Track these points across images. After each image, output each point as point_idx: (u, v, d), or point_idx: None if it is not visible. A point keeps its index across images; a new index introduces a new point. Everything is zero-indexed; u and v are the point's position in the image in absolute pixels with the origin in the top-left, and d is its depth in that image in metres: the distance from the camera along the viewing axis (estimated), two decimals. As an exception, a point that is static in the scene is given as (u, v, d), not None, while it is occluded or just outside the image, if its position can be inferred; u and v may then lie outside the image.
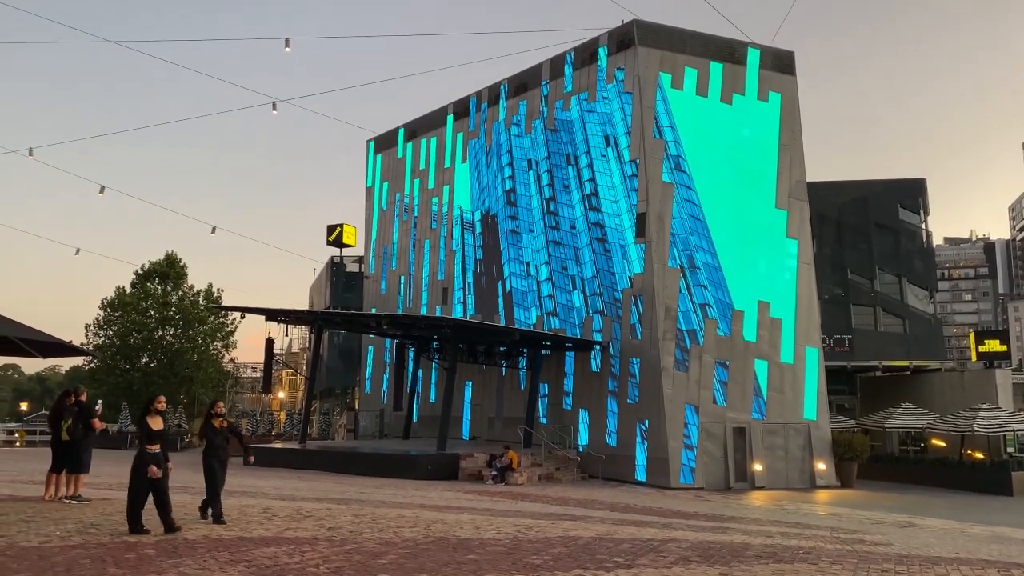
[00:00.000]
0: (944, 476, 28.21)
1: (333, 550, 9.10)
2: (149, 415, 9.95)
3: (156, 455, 9.70)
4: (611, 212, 28.82)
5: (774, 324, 27.53)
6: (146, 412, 10.00)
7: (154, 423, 9.90)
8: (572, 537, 11.25)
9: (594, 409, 28.56)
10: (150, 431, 9.79)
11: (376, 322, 31.82)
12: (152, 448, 9.71)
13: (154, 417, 9.95)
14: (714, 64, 28.69)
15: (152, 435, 9.78)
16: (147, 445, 9.72)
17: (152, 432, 9.79)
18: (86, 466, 12.71)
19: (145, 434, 9.79)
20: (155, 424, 9.89)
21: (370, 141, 44.51)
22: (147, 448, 9.70)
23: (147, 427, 9.83)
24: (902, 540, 12.90)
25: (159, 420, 10.01)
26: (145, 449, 9.70)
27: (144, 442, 9.77)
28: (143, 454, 9.66)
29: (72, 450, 12.56)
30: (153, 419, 9.93)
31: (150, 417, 9.92)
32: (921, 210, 38.27)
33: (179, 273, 60.07)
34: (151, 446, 9.72)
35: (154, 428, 9.84)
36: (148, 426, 9.83)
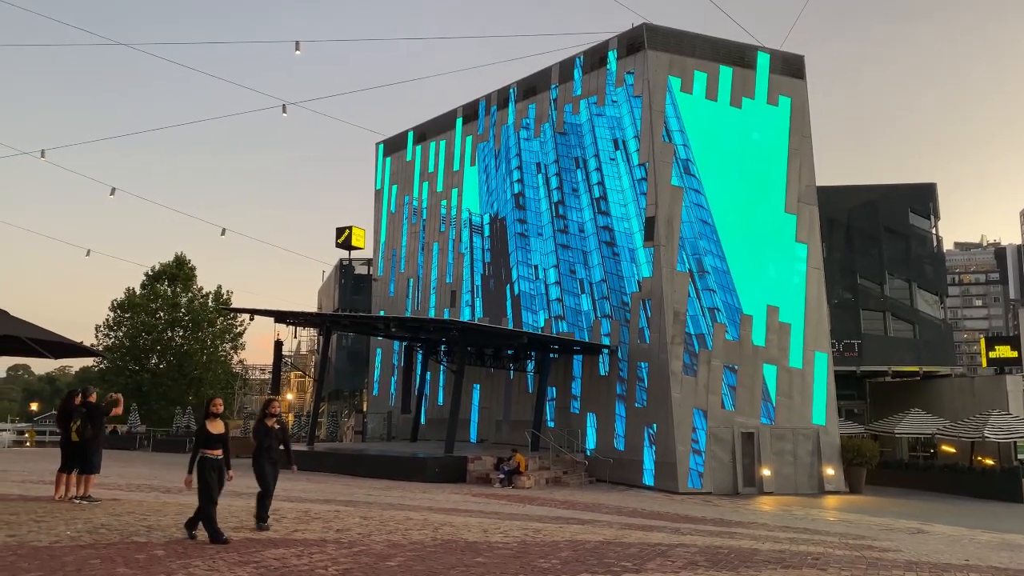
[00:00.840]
0: (954, 482, 28.06)
1: (341, 552, 9.12)
2: (208, 419, 9.48)
3: (217, 460, 9.29)
4: (620, 216, 28.80)
5: (783, 329, 27.45)
6: (205, 416, 9.57)
7: (214, 427, 9.42)
8: (580, 541, 11.24)
9: (602, 413, 28.53)
10: (209, 435, 9.33)
11: (384, 324, 31.90)
12: (213, 453, 9.28)
13: (213, 421, 9.47)
14: (724, 68, 28.67)
15: (211, 440, 9.32)
16: (206, 450, 9.26)
17: (211, 436, 9.33)
18: (96, 467, 12.76)
19: (203, 439, 9.31)
20: (215, 428, 9.42)
21: (379, 144, 44.61)
22: (207, 454, 9.25)
23: (206, 431, 9.36)
24: (912, 547, 12.84)
25: (219, 423, 9.52)
26: (205, 455, 9.24)
27: (202, 447, 9.28)
28: (204, 461, 9.21)
29: (82, 451, 12.60)
30: (213, 423, 9.44)
31: (209, 421, 9.45)
32: (931, 215, 38.11)
33: (188, 275, 60.35)
34: (212, 451, 9.28)
35: (213, 432, 9.37)
36: (207, 430, 9.36)
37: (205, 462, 9.21)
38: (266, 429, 10.38)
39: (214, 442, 9.30)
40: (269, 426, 10.43)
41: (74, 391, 13.46)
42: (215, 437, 9.33)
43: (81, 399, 12.90)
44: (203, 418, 9.54)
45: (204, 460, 9.22)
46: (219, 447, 9.32)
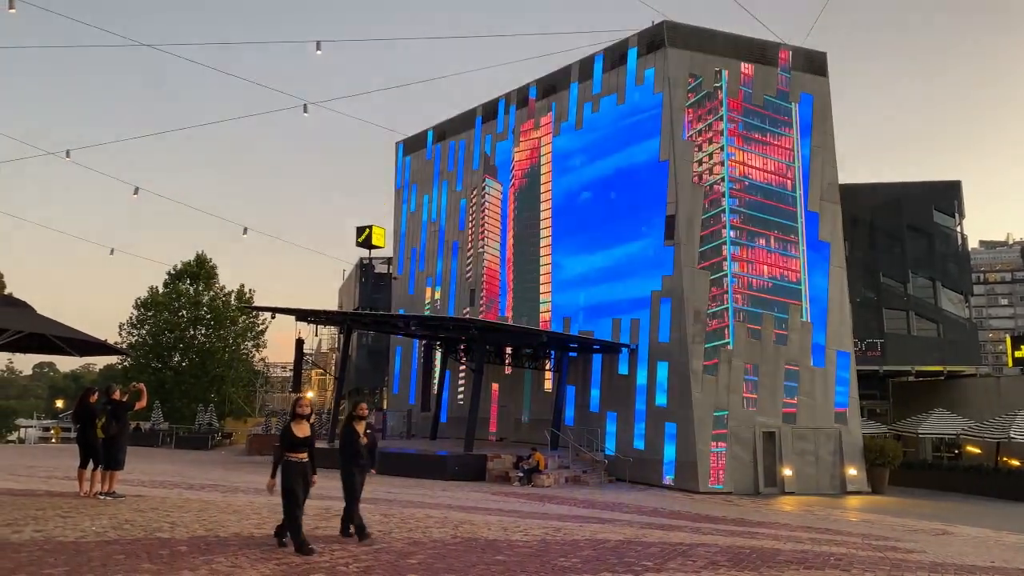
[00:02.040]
0: (979, 484, 27.71)
1: (362, 549, 9.16)
2: (294, 420, 9.03)
3: (302, 464, 8.86)
4: (640, 214, 28.69)
5: (805, 328, 27.26)
6: (291, 417, 9.16)
7: (299, 429, 8.94)
8: (600, 540, 11.22)
9: (622, 412, 28.44)
10: (294, 438, 8.87)
11: (404, 323, 31.97)
12: (298, 456, 8.85)
13: (299, 423, 9.00)
14: (745, 65, 28.47)
15: (296, 442, 8.87)
16: (291, 453, 8.83)
17: (296, 439, 8.88)
18: (121, 463, 12.91)
19: (288, 441, 8.87)
20: (300, 430, 8.94)
21: (399, 143, 44.74)
22: (291, 457, 8.83)
23: (291, 433, 8.89)
24: (936, 548, 12.70)
25: (305, 426, 9.04)
26: (290, 459, 8.82)
27: (286, 450, 8.85)
28: (288, 465, 8.79)
29: (108, 447, 12.76)
30: (298, 425, 8.98)
31: (295, 423, 9.00)
32: (956, 213, 37.66)
33: (209, 273, 60.84)
34: (296, 454, 8.84)
35: (299, 435, 8.90)
36: (292, 432, 8.90)
37: (289, 466, 8.82)
38: (355, 433, 9.68)
39: (299, 445, 8.89)
40: (358, 430, 9.72)
41: (91, 389, 13.66)
42: (300, 440, 8.91)
43: (105, 397, 13.07)
44: (288, 419, 9.16)
45: (288, 464, 8.83)
46: (304, 450, 8.91)
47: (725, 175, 27.45)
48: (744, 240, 27.26)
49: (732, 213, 27.26)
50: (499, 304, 35.79)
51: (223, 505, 12.87)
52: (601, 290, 30.21)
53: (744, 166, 27.86)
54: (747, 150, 28.00)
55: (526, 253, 34.64)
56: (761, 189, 27.89)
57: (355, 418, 9.77)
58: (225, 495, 14.83)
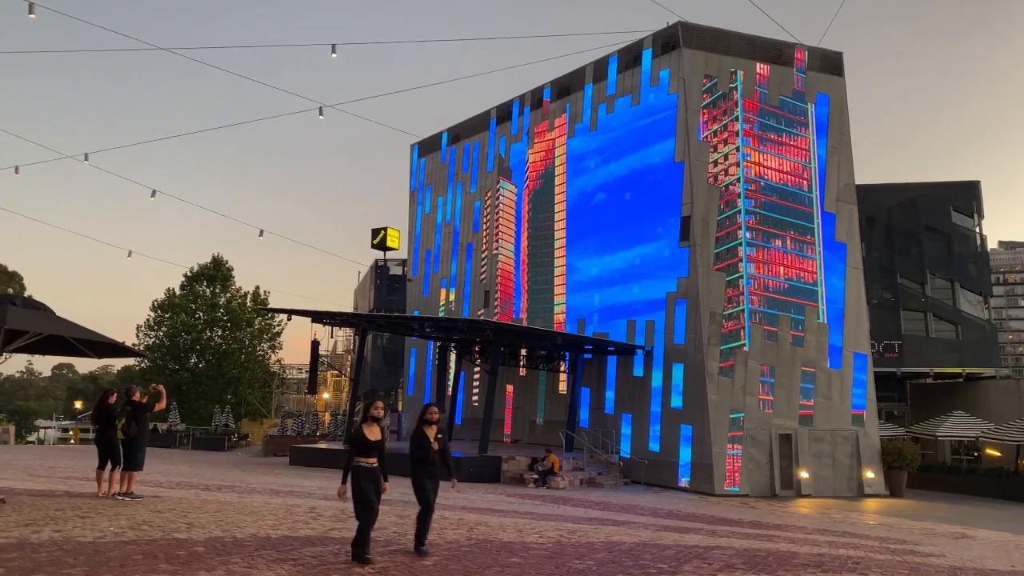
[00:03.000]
0: (999, 487, 27.44)
1: (378, 550, 9.17)
2: (365, 423, 8.55)
3: (373, 469, 8.37)
4: (655, 215, 28.62)
5: (821, 329, 27.09)
6: (363, 419, 8.66)
7: (371, 432, 8.46)
8: (615, 542, 11.19)
9: (637, 414, 28.37)
10: (366, 442, 8.38)
11: (419, 324, 32.04)
12: (369, 462, 8.36)
13: (371, 426, 8.52)
14: (760, 65, 28.35)
15: (368, 447, 8.38)
16: (361, 458, 8.35)
17: (368, 443, 8.38)
18: (140, 464, 13.02)
19: (360, 445, 8.39)
20: (372, 434, 8.46)
21: (414, 145, 44.86)
22: (362, 462, 8.34)
23: (362, 437, 8.40)
24: (955, 552, 12.58)
25: (377, 429, 8.56)
26: (360, 464, 8.34)
27: (357, 454, 8.39)
28: (358, 470, 8.31)
29: (127, 448, 12.88)
30: (370, 428, 8.49)
31: (367, 426, 8.51)
32: (975, 213, 37.31)
33: (225, 275, 61.23)
34: (367, 460, 8.36)
35: (370, 439, 8.42)
36: (364, 436, 8.41)
37: (360, 472, 8.33)
38: (425, 438, 9.13)
39: (371, 450, 8.40)
40: (428, 434, 9.17)
41: (109, 391, 13.81)
42: (372, 444, 8.42)
43: (125, 398, 13.20)
44: (360, 422, 8.71)
45: (359, 470, 8.34)
46: (375, 455, 8.42)
47: (741, 176, 27.32)
48: (760, 241, 27.12)
49: (748, 214, 27.14)
50: (514, 306, 35.80)
51: (239, 506, 12.93)
52: (616, 291, 30.15)
53: (760, 167, 27.72)
54: (763, 151, 27.87)
55: (540, 255, 34.63)
56: (777, 190, 27.75)
57: (425, 423, 9.23)
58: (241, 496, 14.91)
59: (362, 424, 8.57)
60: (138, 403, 13.13)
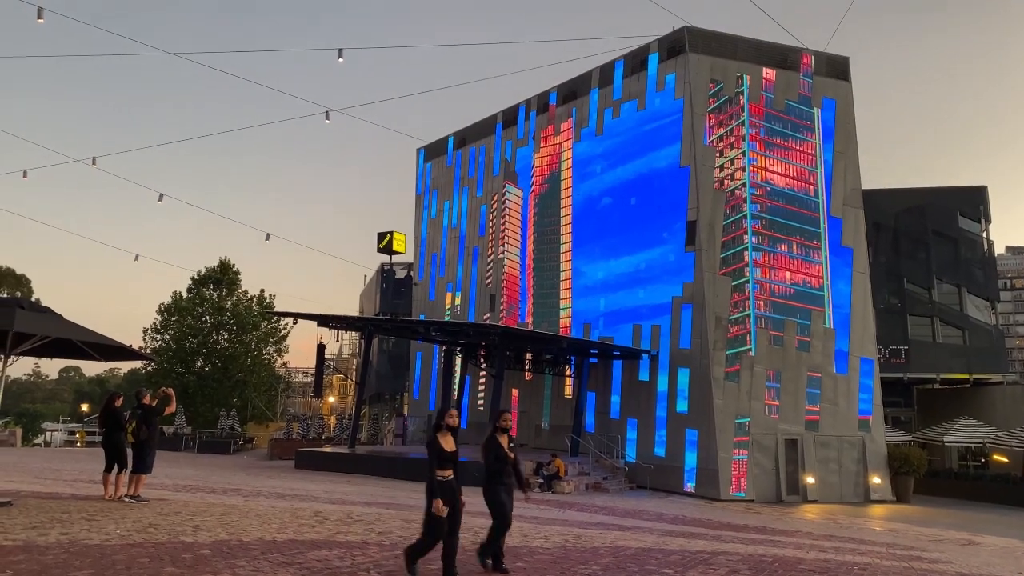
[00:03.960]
0: (1006, 493, 27.32)
1: (383, 554, 9.18)
2: (439, 432, 7.86)
3: (449, 483, 7.73)
4: (661, 220, 28.60)
5: (828, 334, 27.04)
6: (436, 428, 7.94)
7: (446, 442, 7.80)
8: (620, 547, 11.17)
9: (642, 419, 28.33)
10: (441, 452, 7.73)
11: (424, 328, 32.06)
12: (445, 474, 7.70)
13: (445, 435, 7.85)
14: (766, 70, 28.34)
15: (444, 458, 7.72)
16: (438, 471, 7.66)
17: (444, 454, 7.73)
18: (148, 467, 13.07)
19: (436, 456, 7.71)
20: (447, 444, 7.80)
21: (420, 149, 44.94)
22: (439, 475, 7.66)
23: (438, 447, 7.74)
24: (962, 558, 12.53)
25: (451, 439, 7.88)
26: (436, 476, 7.64)
27: (434, 466, 7.69)
28: (433, 483, 7.63)
29: (137, 451, 12.95)
30: (444, 437, 7.83)
31: (441, 435, 7.84)
32: (982, 218, 37.21)
33: (232, 279, 61.42)
34: (444, 472, 7.70)
35: (446, 449, 7.76)
36: (439, 446, 7.75)
37: (439, 486, 7.69)
38: (500, 447, 8.38)
39: (447, 461, 7.75)
40: (502, 442, 8.43)
41: (116, 394, 13.89)
42: (449, 455, 7.77)
43: (136, 401, 13.28)
44: (432, 431, 7.94)
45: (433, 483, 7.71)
46: (451, 467, 7.78)
47: (747, 180, 27.31)
48: (766, 246, 27.09)
49: (754, 219, 27.11)
50: (519, 310, 35.80)
51: (245, 510, 12.95)
52: (621, 296, 30.13)
53: (766, 171, 27.71)
54: (769, 155, 27.85)
55: (546, 259, 34.63)
56: (783, 194, 27.72)
57: (498, 430, 8.52)
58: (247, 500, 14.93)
59: (436, 434, 7.88)
60: (148, 406, 13.19)
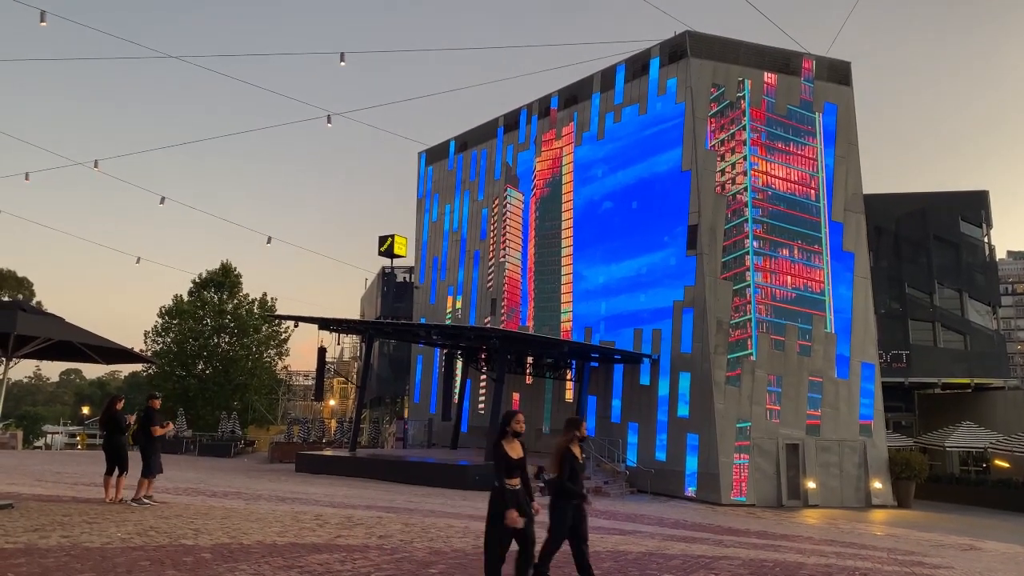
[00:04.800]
0: (1008, 498, 27.30)
1: (384, 558, 9.18)
2: (505, 438, 7.30)
3: (518, 493, 7.18)
4: (662, 224, 28.61)
5: (829, 339, 27.03)
6: (502, 434, 7.38)
7: (512, 450, 7.25)
8: (621, 552, 11.16)
9: (643, 423, 28.31)
10: (508, 460, 7.20)
11: (425, 332, 32.05)
12: (513, 483, 7.18)
13: (512, 442, 7.29)
14: (768, 75, 28.37)
15: (511, 466, 7.19)
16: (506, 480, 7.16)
17: (511, 462, 7.19)
18: (152, 470, 13.07)
19: (503, 464, 7.20)
20: (514, 451, 7.26)
21: (421, 153, 44.99)
22: (507, 484, 7.15)
23: (504, 454, 7.20)
24: (964, 564, 12.51)
25: (518, 446, 7.34)
26: (504, 485, 7.14)
27: (501, 475, 7.17)
28: (502, 492, 7.12)
29: (142, 454, 12.99)
30: (511, 444, 7.28)
31: (507, 442, 7.28)
32: (983, 223, 37.22)
33: (234, 282, 61.42)
34: (512, 481, 7.18)
35: (513, 456, 7.22)
36: (506, 453, 7.21)
37: (505, 495, 7.17)
38: (575, 459, 7.77)
39: (514, 469, 7.23)
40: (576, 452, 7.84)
41: (117, 397, 13.93)
42: (516, 463, 7.25)
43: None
44: (498, 438, 7.37)
45: (503, 493, 7.20)
46: (518, 475, 7.25)
47: (748, 185, 27.32)
48: (767, 250, 27.10)
49: (755, 223, 27.12)
50: (520, 314, 35.80)
51: (246, 513, 12.95)
52: (623, 300, 30.13)
53: (767, 176, 27.72)
54: (770, 160, 27.87)
55: (547, 263, 34.63)
56: (784, 199, 27.73)
57: (574, 439, 7.85)
58: (248, 503, 14.92)
59: (501, 440, 7.31)
60: (154, 411, 13.25)
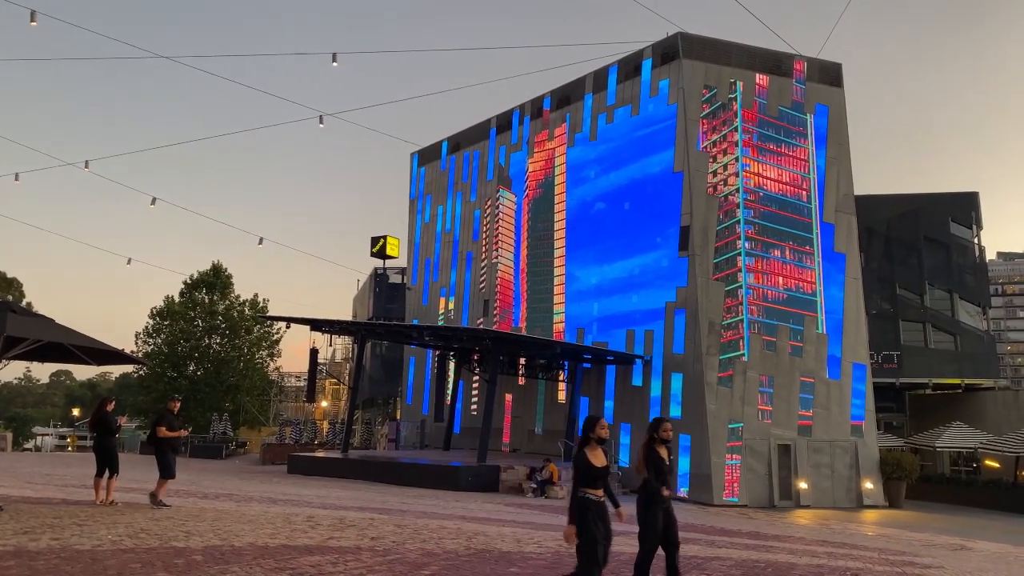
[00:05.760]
0: (998, 498, 27.41)
1: (376, 560, 9.16)
2: (588, 445, 6.75)
3: (602, 504, 6.66)
4: (654, 225, 28.66)
5: (820, 340, 27.11)
6: (584, 441, 6.80)
7: (595, 457, 6.72)
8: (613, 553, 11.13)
9: (636, 424, 28.33)
10: (592, 469, 6.65)
11: (418, 333, 32.02)
12: (596, 494, 6.64)
13: (594, 449, 6.75)
14: (760, 76, 28.45)
15: (594, 475, 6.64)
16: (589, 489, 6.62)
17: (595, 470, 6.64)
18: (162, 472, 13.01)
19: (587, 474, 6.62)
20: (597, 459, 6.72)
21: (414, 154, 44.95)
22: (589, 494, 6.61)
23: (586, 462, 6.66)
24: (954, 563, 12.56)
25: (600, 453, 6.79)
26: (588, 497, 6.60)
27: (584, 484, 6.64)
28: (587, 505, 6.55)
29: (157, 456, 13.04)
30: (594, 452, 6.73)
31: (589, 448, 6.74)
32: (974, 224, 37.41)
33: (225, 283, 61.16)
34: (595, 491, 6.64)
35: (596, 464, 6.67)
36: (588, 461, 6.66)
37: (589, 507, 6.57)
38: (662, 461, 7.45)
39: (597, 479, 6.66)
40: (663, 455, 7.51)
41: (107, 398, 13.88)
42: (599, 472, 6.67)
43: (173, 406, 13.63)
44: (580, 444, 6.83)
45: (587, 504, 6.58)
46: (601, 485, 6.69)
47: (740, 186, 27.39)
48: (759, 251, 27.17)
49: (747, 224, 27.20)
50: (513, 315, 35.81)
51: (237, 515, 12.90)
52: (615, 301, 30.16)
53: (759, 177, 27.80)
54: (762, 161, 27.95)
55: (540, 264, 34.65)
56: (776, 200, 27.81)
57: (658, 441, 7.54)
58: (239, 505, 14.87)
59: (583, 447, 6.78)
60: (167, 411, 13.38)
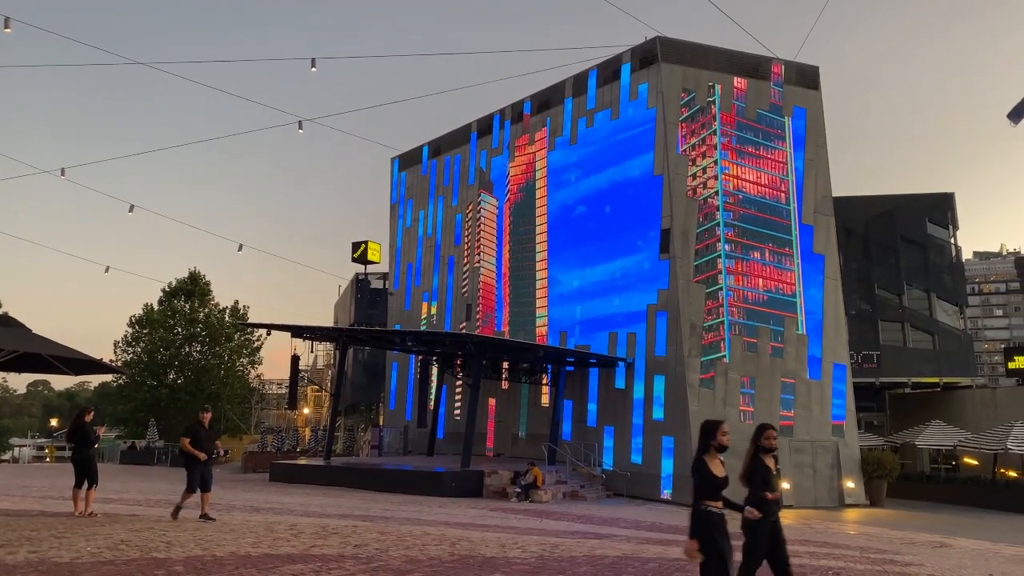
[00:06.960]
0: (977, 495, 27.71)
1: (359, 567, 9.11)
2: (707, 453, 6.28)
3: (723, 517, 6.16)
4: (635, 228, 28.76)
5: (800, 340, 27.31)
6: (703, 448, 6.32)
7: (716, 467, 6.23)
8: (598, 556, 11.18)
9: (619, 426, 28.40)
10: (712, 479, 6.18)
11: (400, 338, 31.98)
12: (716, 506, 6.16)
13: (714, 458, 6.28)
14: (738, 80, 28.66)
15: (716, 485, 6.17)
16: (710, 502, 6.14)
17: (716, 481, 6.17)
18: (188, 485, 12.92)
19: (709, 485, 6.18)
20: (718, 468, 6.24)
21: (394, 158, 44.83)
22: (712, 507, 6.13)
23: (707, 472, 6.19)
24: (934, 561, 12.68)
25: (719, 462, 6.30)
26: (710, 509, 6.12)
27: (705, 496, 6.17)
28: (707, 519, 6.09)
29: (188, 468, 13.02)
30: (713, 461, 6.26)
31: (709, 457, 6.27)
32: (950, 224, 37.89)
33: (203, 290, 60.77)
34: (716, 503, 6.17)
35: (717, 475, 6.20)
36: (708, 470, 6.20)
37: (710, 520, 6.08)
38: (769, 471, 6.95)
39: (718, 489, 6.20)
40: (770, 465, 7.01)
41: (86, 408, 13.77)
42: (719, 482, 6.20)
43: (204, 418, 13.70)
44: (699, 452, 6.34)
45: (707, 517, 6.10)
46: (720, 497, 6.24)
47: (719, 189, 27.56)
48: (739, 253, 27.35)
49: (726, 226, 27.37)
50: (495, 319, 35.79)
51: (219, 524, 12.80)
52: (597, 304, 30.23)
53: (738, 180, 27.99)
54: (741, 164, 28.15)
55: (522, 267, 34.66)
56: (755, 202, 28.01)
57: (763, 450, 7.02)
58: (221, 514, 14.74)
59: (702, 456, 6.29)
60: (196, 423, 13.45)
